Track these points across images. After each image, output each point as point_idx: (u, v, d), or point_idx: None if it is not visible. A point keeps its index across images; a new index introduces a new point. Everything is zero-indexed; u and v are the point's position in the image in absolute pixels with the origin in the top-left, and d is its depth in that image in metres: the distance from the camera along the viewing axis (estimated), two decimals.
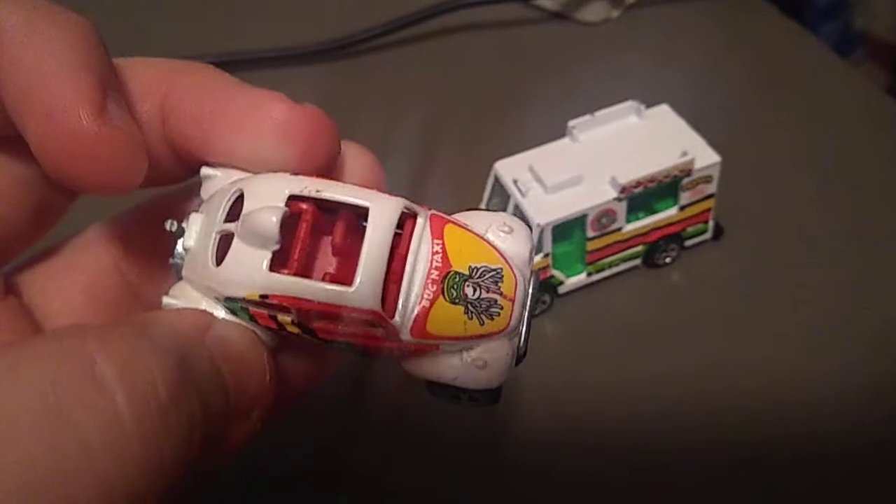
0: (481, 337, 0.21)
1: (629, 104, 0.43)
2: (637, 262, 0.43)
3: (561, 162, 0.41)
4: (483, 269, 0.22)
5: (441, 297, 0.21)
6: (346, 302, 0.20)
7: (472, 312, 0.21)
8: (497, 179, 0.41)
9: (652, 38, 0.57)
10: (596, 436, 0.38)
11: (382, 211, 0.21)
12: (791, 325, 0.41)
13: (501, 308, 0.22)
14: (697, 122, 0.42)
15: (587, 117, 0.42)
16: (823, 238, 0.44)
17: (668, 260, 0.43)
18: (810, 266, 0.43)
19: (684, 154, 0.40)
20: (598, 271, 0.42)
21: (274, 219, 0.20)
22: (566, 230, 0.40)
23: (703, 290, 0.43)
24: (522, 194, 0.40)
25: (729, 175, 0.42)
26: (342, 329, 0.21)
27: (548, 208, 0.39)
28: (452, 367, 0.22)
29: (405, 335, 0.21)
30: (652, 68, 0.55)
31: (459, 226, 0.22)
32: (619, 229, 0.41)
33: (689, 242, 0.43)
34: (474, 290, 0.21)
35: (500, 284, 0.22)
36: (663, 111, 0.43)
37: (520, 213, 0.40)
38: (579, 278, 0.42)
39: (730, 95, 0.53)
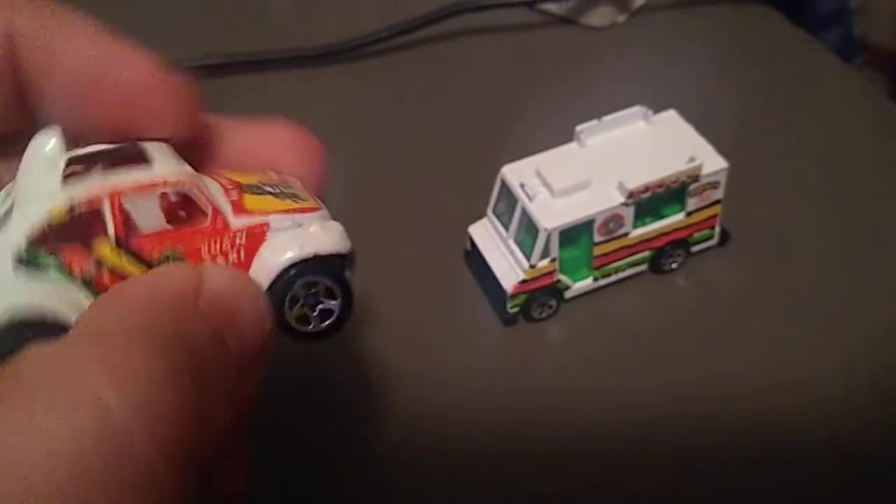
0: (302, 211, 0.23)
1: (636, 109, 0.43)
2: (643, 267, 0.43)
3: (568, 166, 0.41)
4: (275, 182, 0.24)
5: (245, 194, 0.22)
6: (157, 176, 0.20)
7: (281, 195, 0.23)
8: (504, 184, 0.41)
9: (658, 43, 0.57)
10: (601, 440, 0.38)
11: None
12: (796, 331, 0.41)
13: (306, 199, 0.24)
14: (704, 128, 0.42)
15: (594, 122, 0.42)
16: (829, 244, 0.45)
17: (674, 265, 0.43)
18: (816, 272, 0.43)
19: (692, 159, 0.40)
20: (604, 276, 0.42)
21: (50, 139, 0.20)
22: (573, 235, 0.40)
23: (709, 296, 0.43)
24: (530, 199, 0.40)
25: (735, 181, 0.42)
26: (168, 234, 0.20)
27: (555, 213, 0.39)
28: (290, 241, 0.22)
29: (231, 219, 0.22)
30: (659, 73, 0.55)
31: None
32: (626, 234, 0.41)
33: (695, 248, 0.43)
34: (273, 189, 0.23)
35: (295, 188, 0.24)
36: (671, 116, 0.43)
37: (527, 218, 0.40)
38: (586, 283, 0.42)
39: (737, 101, 0.53)
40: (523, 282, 0.40)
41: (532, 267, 0.40)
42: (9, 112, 0.20)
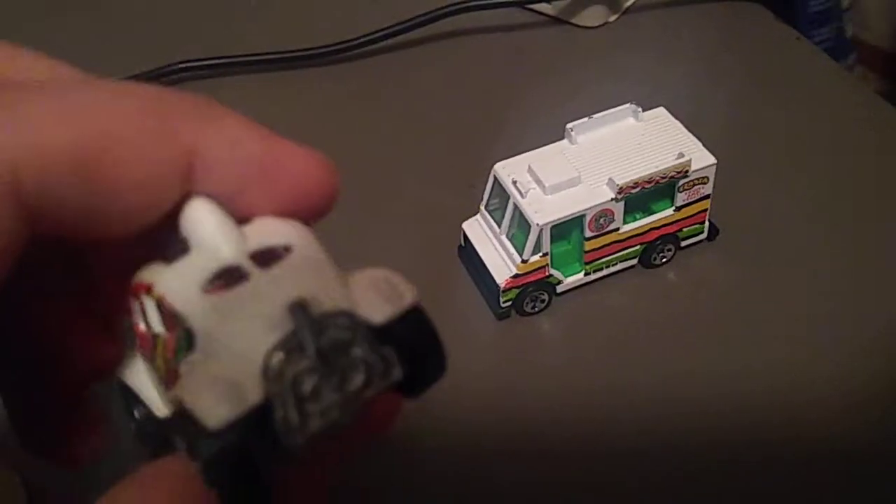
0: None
1: (626, 107, 0.43)
2: (634, 261, 0.44)
3: (559, 163, 0.41)
4: None
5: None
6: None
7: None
8: (496, 180, 0.42)
9: (649, 42, 0.58)
10: (591, 434, 0.38)
11: None
12: (785, 326, 0.42)
13: None
14: (694, 125, 0.43)
15: (585, 119, 0.43)
16: (818, 239, 0.45)
17: (664, 259, 0.44)
18: (804, 267, 0.44)
19: (681, 155, 0.41)
20: (595, 270, 0.43)
21: None
22: (564, 230, 0.41)
23: (699, 290, 0.44)
24: (522, 195, 0.40)
25: (724, 177, 0.42)
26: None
27: (547, 209, 0.40)
28: None
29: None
30: (649, 72, 0.56)
31: None
32: (617, 229, 0.42)
33: (685, 242, 0.44)
34: None
35: None
36: (660, 114, 0.44)
37: (519, 214, 0.40)
38: (577, 277, 0.43)
39: (726, 98, 0.54)
40: (516, 276, 0.41)
41: (524, 262, 0.41)
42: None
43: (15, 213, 0.16)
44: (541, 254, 0.41)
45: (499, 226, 0.42)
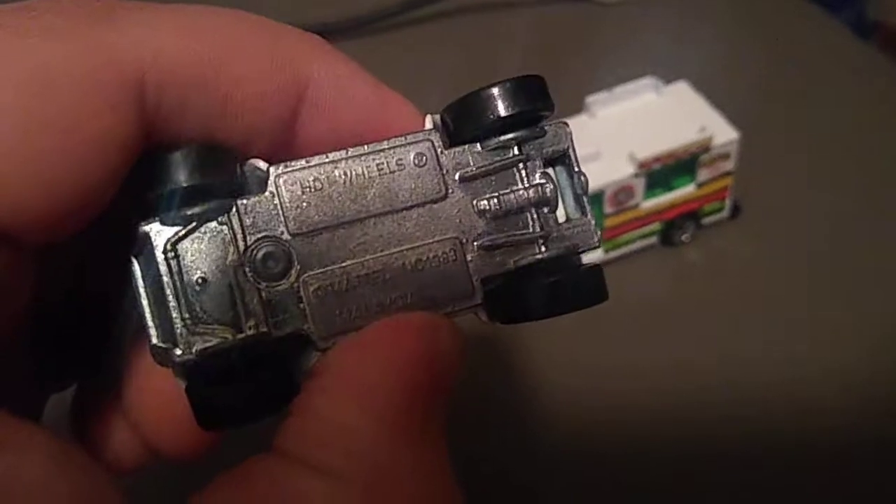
0: None
1: (648, 81, 0.42)
2: (654, 239, 0.43)
3: (578, 138, 0.40)
4: None
5: None
6: None
7: None
8: None
9: (670, 17, 0.57)
10: (607, 412, 0.38)
11: None
12: (806, 307, 0.41)
13: None
14: (716, 101, 0.42)
15: (605, 93, 0.42)
16: (842, 219, 0.44)
17: (684, 238, 0.43)
18: (828, 248, 0.43)
19: (703, 130, 0.40)
20: (615, 248, 0.42)
21: None
22: None
23: (720, 271, 0.43)
24: None
25: (747, 155, 0.41)
26: None
27: None
28: None
29: None
30: (670, 47, 0.55)
31: None
32: (637, 206, 0.41)
33: (705, 220, 0.43)
34: None
35: None
36: (682, 88, 0.43)
37: None
38: (596, 256, 0.42)
39: (748, 74, 0.53)
40: None
41: None
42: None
43: (136, 118, 0.17)
44: None
45: None
